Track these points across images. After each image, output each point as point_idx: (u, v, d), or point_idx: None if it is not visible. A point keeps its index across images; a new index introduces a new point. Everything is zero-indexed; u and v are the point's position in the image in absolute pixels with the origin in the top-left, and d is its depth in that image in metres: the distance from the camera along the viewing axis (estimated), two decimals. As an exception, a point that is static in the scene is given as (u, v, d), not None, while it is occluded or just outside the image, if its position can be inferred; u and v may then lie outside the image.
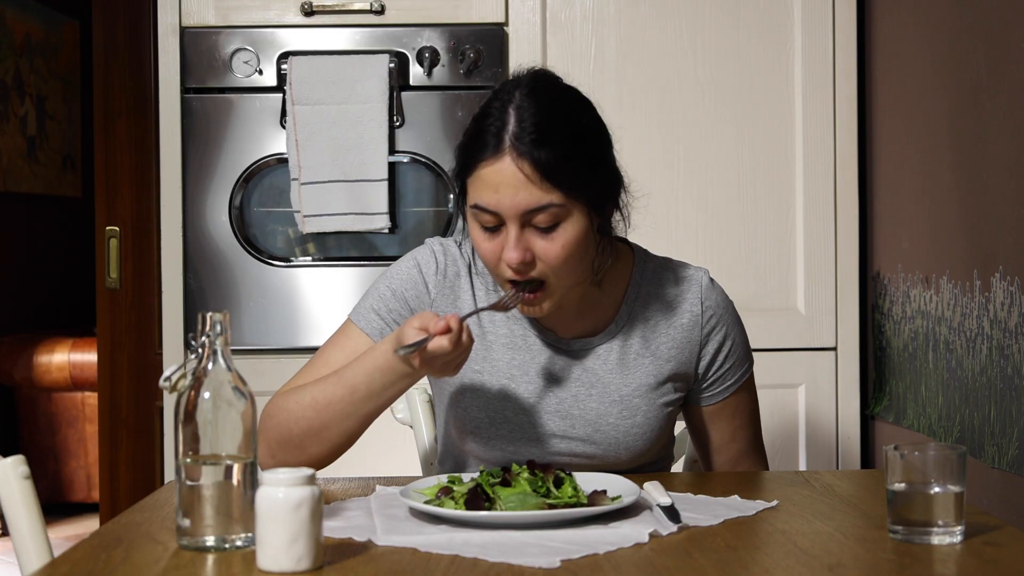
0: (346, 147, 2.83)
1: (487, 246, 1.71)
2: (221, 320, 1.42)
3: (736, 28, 2.91)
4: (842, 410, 2.91)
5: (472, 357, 1.80)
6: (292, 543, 1.30)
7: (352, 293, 2.89)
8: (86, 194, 6.13)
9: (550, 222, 1.68)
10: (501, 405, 1.82)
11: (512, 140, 1.67)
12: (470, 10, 2.90)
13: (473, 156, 1.70)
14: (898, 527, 1.43)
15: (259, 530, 1.32)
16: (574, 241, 1.70)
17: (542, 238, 1.69)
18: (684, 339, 1.86)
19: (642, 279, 1.87)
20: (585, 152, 1.71)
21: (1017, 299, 2.12)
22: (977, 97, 2.30)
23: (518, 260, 1.68)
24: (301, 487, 1.32)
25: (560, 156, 1.67)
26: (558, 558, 1.35)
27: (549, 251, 1.69)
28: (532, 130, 1.67)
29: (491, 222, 1.70)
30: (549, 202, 1.67)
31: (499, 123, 1.68)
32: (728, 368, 1.90)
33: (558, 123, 1.69)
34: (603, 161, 1.75)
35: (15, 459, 1.63)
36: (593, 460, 1.83)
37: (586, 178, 1.69)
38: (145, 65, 3.43)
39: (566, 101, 1.74)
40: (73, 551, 1.40)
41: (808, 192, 2.90)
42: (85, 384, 4.86)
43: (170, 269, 2.91)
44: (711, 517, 1.55)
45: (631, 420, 1.83)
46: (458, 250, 1.88)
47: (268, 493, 1.32)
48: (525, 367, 1.83)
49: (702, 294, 1.87)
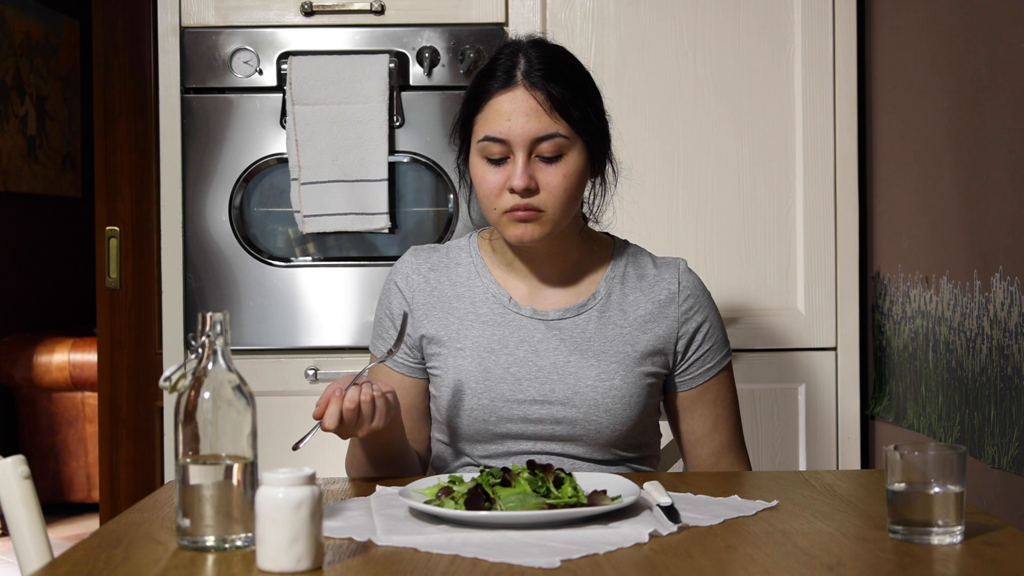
0: (346, 147, 2.83)
1: (492, 178, 1.84)
2: (221, 320, 1.42)
3: (736, 28, 2.91)
4: (842, 410, 2.91)
5: (453, 336, 1.92)
6: (292, 543, 1.30)
7: (352, 293, 2.89)
8: (86, 194, 6.14)
9: (555, 152, 1.83)
10: (482, 376, 1.89)
11: (524, 74, 1.83)
12: (470, 10, 2.90)
13: (486, 90, 1.85)
14: (898, 527, 1.43)
15: (259, 530, 1.32)
16: (574, 173, 1.84)
17: (546, 167, 1.83)
18: (660, 313, 1.94)
19: (621, 259, 1.98)
20: (586, 94, 1.87)
21: (1017, 299, 2.12)
22: (977, 97, 2.30)
23: (524, 185, 1.81)
24: (301, 487, 1.32)
25: (568, 91, 1.83)
26: (558, 558, 1.35)
27: (552, 179, 1.83)
28: (541, 67, 1.84)
29: (499, 153, 1.83)
30: (557, 131, 1.82)
31: (510, 63, 1.85)
32: (707, 351, 1.96)
33: (563, 65, 1.87)
34: (599, 109, 1.90)
35: (15, 459, 1.63)
36: (575, 427, 1.88)
37: (588, 116, 1.86)
38: (145, 65, 3.44)
39: (566, 52, 1.92)
40: (73, 551, 1.40)
41: (808, 192, 2.90)
42: (85, 384, 4.86)
43: (170, 269, 2.91)
44: (711, 517, 1.55)
45: (609, 383, 1.88)
46: (432, 251, 2.00)
47: (268, 493, 1.31)
48: (504, 340, 1.91)
49: (679, 275, 1.97)
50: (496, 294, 1.93)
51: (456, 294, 1.95)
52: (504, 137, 1.82)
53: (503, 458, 1.89)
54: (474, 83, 1.89)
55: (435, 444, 1.99)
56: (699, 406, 1.97)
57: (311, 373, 2.86)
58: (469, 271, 1.96)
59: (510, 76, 1.83)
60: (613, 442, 1.89)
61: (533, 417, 1.88)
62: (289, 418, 2.86)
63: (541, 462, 1.69)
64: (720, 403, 1.99)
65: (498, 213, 1.85)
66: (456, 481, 1.61)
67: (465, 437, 1.91)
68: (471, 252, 1.98)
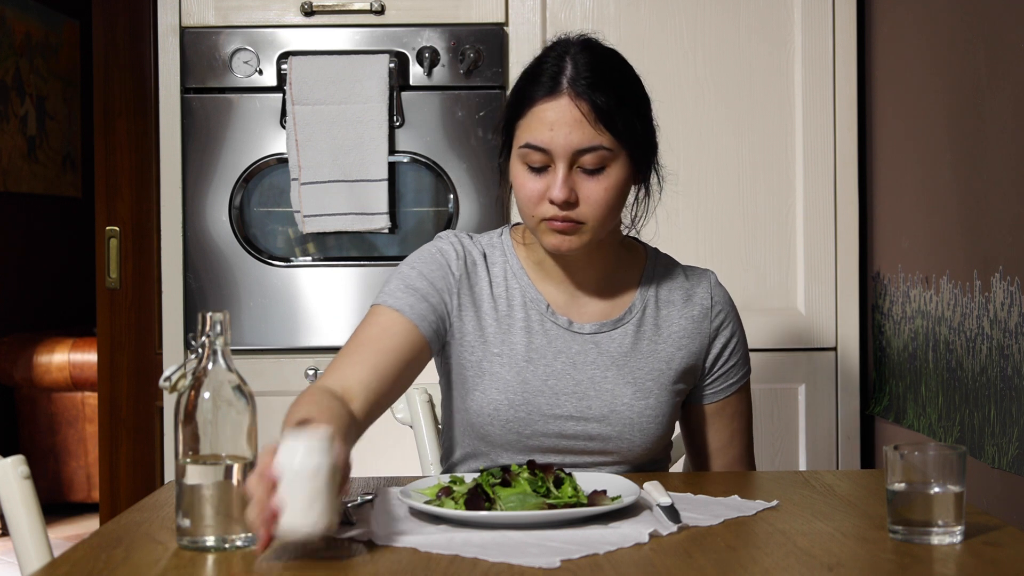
0: (346, 147, 2.83)
1: (531, 186, 1.79)
2: (221, 320, 1.42)
3: (736, 28, 2.91)
4: (842, 410, 2.91)
5: (490, 340, 1.86)
6: (309, 506, 1.31)
7: (352, 293, 2.89)
8: (86, 194, 6.13)
9: (597, 164, 1.77)
10: (520, 387, 1.85)
11: (569, 82, 1.76)
12: (470, 10, 2.90)
13: (530, 96, 1.79)
14: (898, 527, 1.43)
15: (279, 493, 1.31)
16: (616, 186, 1.79)
17: (588, 179, 1.77)
18: (695, 329, 1.91)
19: (655, 271, 1.94)
20: (634, 103, 1.81)
21: (1017, 299, 2.12)
22: (977, 97, 2.30)
23: (563, 198, 1.75)
24: (324, 453, 1.32)
25: (614, 101, 1.76)
26: (558, 558, 1.35)
27: (593, 192, 1.77)
28: (588, 75, 1.76)
29: (540, 161, 1.77)
30: (600, 144, 1.76)
31: (556, 68, 1.78)
32: (732, 365, 1.95)
33: (611, 72, 1.79)
34: (646, 117, 1.85)
35: (15, 459, 1.63)
36: (607, 443, 1.85)
37: (633, 127, 1.79)
38: (145, 65, 3.44)
39: (616, 56, 1.84)
40: (73, 551, 1.40)
41: (808, 192, 2.90)
42: (85, 384, 4.86)
43: (170, 269, 2.91)
44: (711, 517, 1.55)
45: (644, 402, 1.86)
46: (470, 240, 1.93)
47: (286, 456, 1.32)
48: (542, 351, 1.87)
49: (711, 289, 1.94)
50: (534, 299, 1.88)
51: (493, 294, 1.89)
52: (546, 147, 1.76)
53: None
54: (519, 85, 1.82)
55: (459, 442, 1.93)
56: (717, 420, 1.96)
57: (311, 373, 2.86)
58: (505, 271, 1.91)
59: (556, 83, 1.76)
60: (640, 458, 1.87)
61: (568, 433, 1.85)
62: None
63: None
64: (738, 418, 1.98)
65: (536, 220, 1.80)
66: (456, 481, 1.61)
67: (494, 445, 1.87)
68: (505, 251, 1.92)
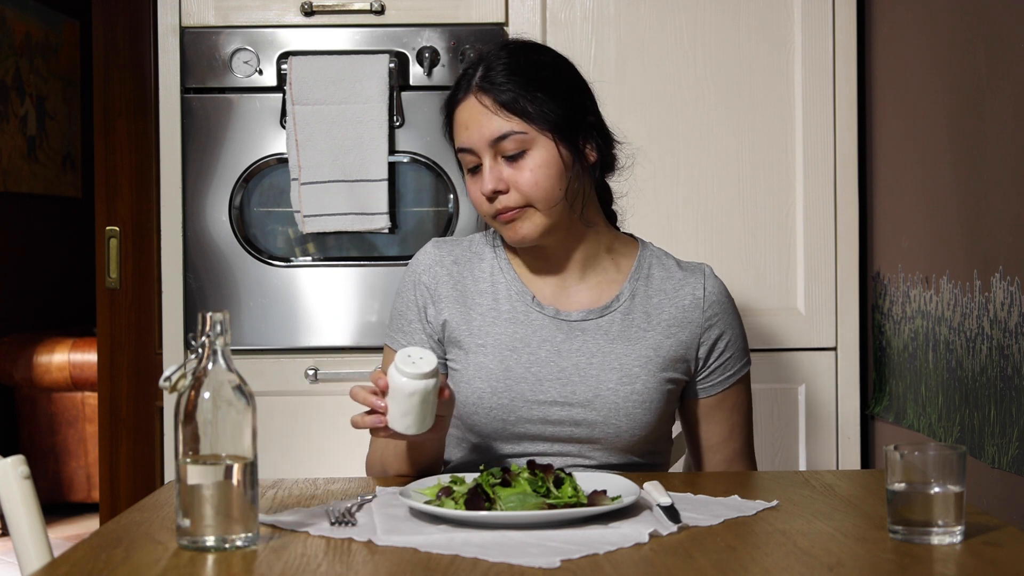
0: (346, 147, 2.83)
1: (474, 188, 1.89)
2: (221, 320, 1.42)
3: (736, 28, 2.91)
4: (842, 410, 2.91)
5: (475, 332, 1.91)
6: (404, 415, 1.65)
7: (352, 293, 2.89)
8: (86, 194, 6.14)
9: (517, 148, 1.84)
10: (503, 375, 1.87)
11: (476, 82, 1.87)
12: (470, 10, 2.90)
13: (449, 104, 1.91)
14: (898, 527, 1.43)
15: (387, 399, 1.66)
16: (541, 166, 1.84)
17: (511, 165, 1.85)
18: (685, 319, 1.92)
19: (647, 262, 1.96)
20: (546, 86, 1.86)
21: (1017, 299, 2.12)
22: (977, 97, 2.30)
23: (492, 187, 1.84)
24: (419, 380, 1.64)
25: (520, 88, 1.84)
26: (558, 558, 1.35)
27: (518, 176, 1.84)
28: (492, 72, 1.86)
29: (472, 162, 1.88)
30: (510, 129, 1.84)
31: (469, 73, 1.89)
32: (729, 358, 1.95)
33: (518, 63, 1.87)
34: (566, 96, 1.88)
35: (15, 459, 1.63)
36: (593, 429, 1.86)
37: (545, 108, 1.85)
38: (145, 65, 3.44)
39: (533, 48, 1.94)
40: (73, 551, 1.40)
41: (808, 192, 2.90)
42: (85, 384, 4.86)
43: (170, 269, 2.91)
44: (711, 517, 1.55)
45: (630, 387, 1.87)
46: (455, 243, 1.99)
47: (394, 376, 1.65)
48: (527, 339, 1.90)
49: (704, 280, 1.95)
50: (519, 291, 1.92)
51: (479, 290, 1.94)
52: (468, 146, 1.86)
53: (518, 458, 1.88)
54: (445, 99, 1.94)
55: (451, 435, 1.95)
56: (716, 414, 1.97)
57: (311, 373, 2.86)
58: (492, 267, 1.95)
59: (466, 86, 1.88)
60: (631, 447, 1.88)
61: (553, 418, 1.87)
62: (289, 418, 2.86)
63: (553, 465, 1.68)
64: (737, 412, 1.98)
65: (490, 219, 1.89)
66: (456, 481, 1.61)
67: (482, 435, 1.89)
68: (494, 247, 1.97)
